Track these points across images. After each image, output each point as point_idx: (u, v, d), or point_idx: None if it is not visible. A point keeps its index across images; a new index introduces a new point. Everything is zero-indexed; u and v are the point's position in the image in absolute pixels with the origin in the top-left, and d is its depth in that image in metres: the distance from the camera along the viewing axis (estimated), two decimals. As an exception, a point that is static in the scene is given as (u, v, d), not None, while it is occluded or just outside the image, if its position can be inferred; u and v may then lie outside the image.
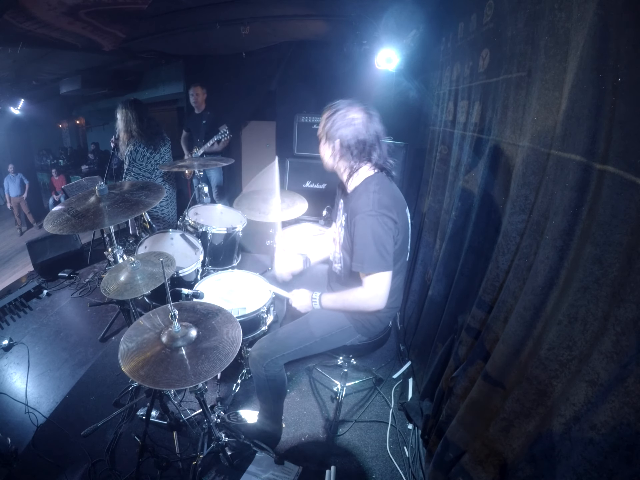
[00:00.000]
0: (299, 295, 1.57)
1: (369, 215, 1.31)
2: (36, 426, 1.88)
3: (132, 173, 2.69)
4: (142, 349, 1.20)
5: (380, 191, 1.37)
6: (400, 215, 1.39)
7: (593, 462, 0.75)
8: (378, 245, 1.31)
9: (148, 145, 2.69)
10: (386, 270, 1.34)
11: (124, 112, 2.62)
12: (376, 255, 1.31)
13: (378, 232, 1.31)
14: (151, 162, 2.73)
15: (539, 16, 1.06)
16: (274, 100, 4.30)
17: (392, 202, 1.38)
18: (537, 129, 1.05)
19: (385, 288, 1.36)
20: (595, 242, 0.78)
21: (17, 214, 7.23)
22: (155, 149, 2.75)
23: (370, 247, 1.31)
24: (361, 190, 1.41)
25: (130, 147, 2.65)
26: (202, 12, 2.82)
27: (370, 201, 1.34)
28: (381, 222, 1.31)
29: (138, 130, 2.62)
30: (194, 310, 1.38)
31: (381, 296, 1.36)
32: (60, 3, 2.07)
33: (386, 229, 1.32)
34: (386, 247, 1.32)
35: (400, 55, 2.40)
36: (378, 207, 1.32)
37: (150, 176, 2.76)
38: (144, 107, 2.72)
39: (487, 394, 1.16)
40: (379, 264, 1.33)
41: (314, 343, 1.54)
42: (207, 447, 1.59)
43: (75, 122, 10.08)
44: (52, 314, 2.88)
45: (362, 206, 1.34)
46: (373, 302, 1.38)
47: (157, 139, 2.78)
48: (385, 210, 1.32)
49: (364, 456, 1.77)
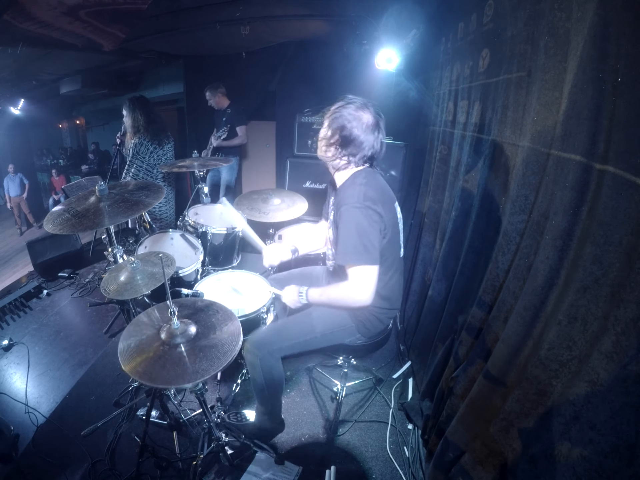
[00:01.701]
0: (288, 291, 1.56)
1: (353, 207, 1.31)
2: (36, 426, 1.88)
3: (134, 166, 2.70)
4: (141, 345, 1.20)
5: (367, 184, 1.37)
6: (387, 209, 1.39)
7: (593, 462, 0.75)
8: (362, 237, 1.30)
9: (153, 140, 2.71)
10: (371, 264, 1.31)
11: (131, 108, 2.65)
12: (360, 247, 1.30)
13: (362, 224, 1.30)
14: (154, 157, 2.74)
15: (539, 16, 1.06)
16: (274, 100, 4.30)
17: (378, 196, 1.37)
18: (537, 129, 1.06)
19: (370, 282, 1.32)
20: (595, 242, 0.78)
21: (17, 214, 7.23)
22: (160, 145, 2.77)
23: (353, 238, 1.30)
24: (348, 184, 1.42)
25: (135, 140, 2.68)
26: (202, 12, 2.82)
27: (356, 193, 1.33)
28: (365, 215, 1.30)
29: (145, 126, 2.66)
30: (194, 307, 1.38)
31: (366, 290, 1.32)
32: (60, 3, 2.07)
33: (371, 222, 1.31)
34: (371, 240, 1.31)
35: (400, 55, 2.40)
36: (363, 199, 1.31)
37: (152, 171, 2.76)
38: (150, 104, 2.76)
39: (487, 393, 1.16)
40: (362, 256, 1.30)
41: (313, 338, 1.53)
42: (207, 447, 1.59)
43: (75, 122, 10.08)
44: (52, 314, 2.88)
45: (347, 198, 1.34)
46: (357, 297, 1.34)
47: (162, 136, 2.81)
48: (370, 203, 1.31)
49: (364, 456, 1.77)
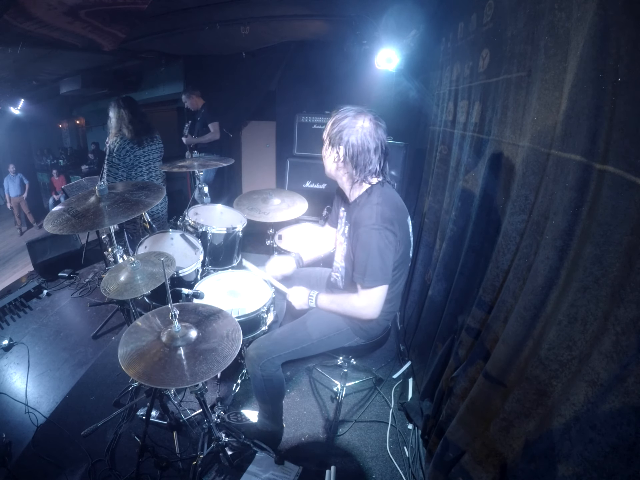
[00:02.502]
0: (297, 292, 1.59)
1: (372, 228, 1.32)
2: (36, 426, 1.88)
3: (110, 163, 2.64)
4: (141, 346, 1.20)
5: (383, 203, 1.37)
6: (402, 226, 1.40)
7: (593, 462, 0.75)
8: (380, 259, 1.32)
9: (132, 139, 2.65)
10: (384, 284, 1.36)
11: (116, 108, 2.63)
12: (377, 270, 1.33)
13: (380, 246, 1.32)
14: (130, 157, 2.67)
15: (539, 16, 1.06)
16: (274, 100, 4.30)
17: (394, 214, 1.38)
18: (537, 129, 1.05)
19: (380, 300, 1.38)
20: (595, 242, 0.78)
21: (17, 214, 7.23)
22: (139, 145, 2.71)
23: (372, 260, 1.32)
24: (364, 202, 1.41)
25: (114, 138, 2.65)
26: (202, 12, 2.82)
27: (374, 214, 1.33)
28: (383, 236, 1.32)
29: (129, 127, 2.62)
30: (196, 311, 1.38)
31: (375, 307, 1.39)
32: (60, 3, 2.07)
33: (387, 243, 1.33)
34: (386, 262, 1.34)
35: (400, 55, 2.40)
36: (381, 220, 1.32)
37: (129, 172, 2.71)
38: (137, 104, 2.72)
39: (487, 394, 1.16)
40: (379, 278, 1.34)
41: (310, 344, 1.55)
42: (207, 447, 1.59)
43: (75, 122, 10.06)
44: (52, 314, 2.88)
45: (365, 219, 1.34)
46: (366, 312, 1.40)
47: (145, 136, 2.75)
48: (388, 224, 1.33)
49: (364, 456, 1.77)
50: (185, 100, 3.97)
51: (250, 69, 4.13)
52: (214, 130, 3.88)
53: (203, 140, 3.91)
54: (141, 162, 2.77)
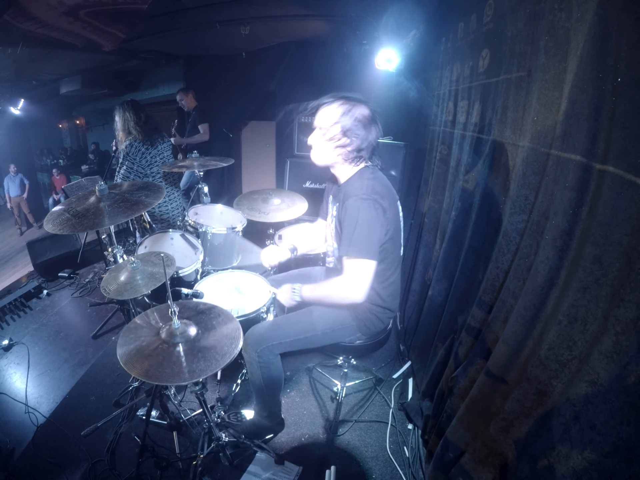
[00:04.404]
0: (282, 290, 1.57)
1: (361, 198, 1.31)
2: (36, 426, 1.88)
3: (124, 167, 2.66)
4: (140, 342, 1.20)
5: (375, 179, 1.40)
6: (391, 205, 1.40)
7: (593, 462, 0.75)
8: (367, 230, 1.30)
9: (144, 141, 2.68)
10: (369, 259, 1.31)
11: (121, 112, 2.64)
12: (361, 240, 1.30)
13: (368, 216, 1.30)
14: (146, 158, 2.70)
15: (539, 16, 1.06)
16: (274, 100, 4.29)
17: (385, 191, 1.40)
18: (537, 129, 1.05)
19: (365, 278, 1.31)
20: (595, 242, 0.78)
21: (17, 214, 7.24)
22: (153, 145, 2.73)
23: (359, 229, 1.30)
24: (356, 178, 1.43)
25: (127, 142, 2.66)
26: (202, 12, 2.82)
27: (364, 186, 1.35)
28: (372, 207, 1.31)
29: (136, 128, 2.64)
30: (196, 309, 1.38)
31: (360, 286, 1.31)
32: (60, 3, 2.07)
33: (375, 215, 1.31)
34: (373, 235, 1.31)
35: (400, 55, 2.40)
36: (371, 192, 1.33)
37: (144, 171, 2.73)
38: (141, 105, 2.73)
39: (487, 393, 1.16)
40: (362, 249, 1.30)
41: (313, 335, 1.53)
42: (207, 447, 1.59)
43: (75, 122, 10.08)
44: (52, 314, 2.88)
45: (355, 190, 1.35)
46: (350, 292, 1.33)
47: (155, 136, 2.77)
48: (378, 197, 1.33)
49: (364, 456, 1.77)
50: (181, 99, 3.98)
51: (250, 69, 4.13)
52: (203, 132, 3.91)
53: (192, 141, 3.94)
54: (157, 161, 2.78)
